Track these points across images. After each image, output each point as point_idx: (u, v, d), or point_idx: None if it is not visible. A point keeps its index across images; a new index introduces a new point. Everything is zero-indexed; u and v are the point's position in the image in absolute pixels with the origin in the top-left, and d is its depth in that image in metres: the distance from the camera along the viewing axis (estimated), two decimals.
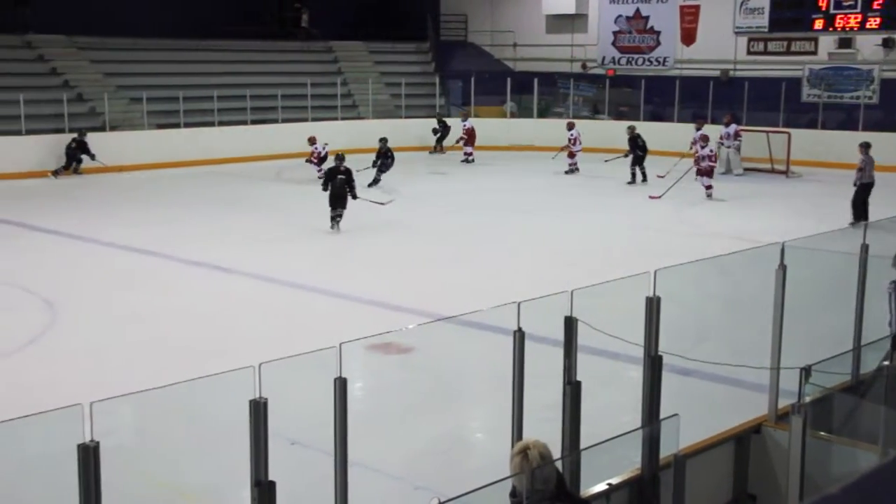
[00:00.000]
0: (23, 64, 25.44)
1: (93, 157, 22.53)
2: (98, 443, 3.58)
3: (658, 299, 5.54)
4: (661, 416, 5.58)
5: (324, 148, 22.26)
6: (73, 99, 24.52)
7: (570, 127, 24.38)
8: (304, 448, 6.67)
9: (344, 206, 16.06)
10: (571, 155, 23.86)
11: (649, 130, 23.39)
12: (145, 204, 19.33)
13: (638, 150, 22.09)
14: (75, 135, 22.76)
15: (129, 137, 24.29)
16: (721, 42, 27.78)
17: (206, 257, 14.15)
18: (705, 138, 20.27)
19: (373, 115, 28.85)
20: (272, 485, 4.13)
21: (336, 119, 28.09)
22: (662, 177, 21.11)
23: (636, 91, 28.97)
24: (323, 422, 4.49)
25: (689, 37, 28.83)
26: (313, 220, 16.92)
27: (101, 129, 24.22)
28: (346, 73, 30.67)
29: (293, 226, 16.98)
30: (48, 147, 22.76)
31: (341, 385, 4.33)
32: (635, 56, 30.39)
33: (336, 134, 24.93)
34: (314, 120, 27.58)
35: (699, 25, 28.66)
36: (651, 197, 19.63)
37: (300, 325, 10.70)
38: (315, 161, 22.23)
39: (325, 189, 16.20)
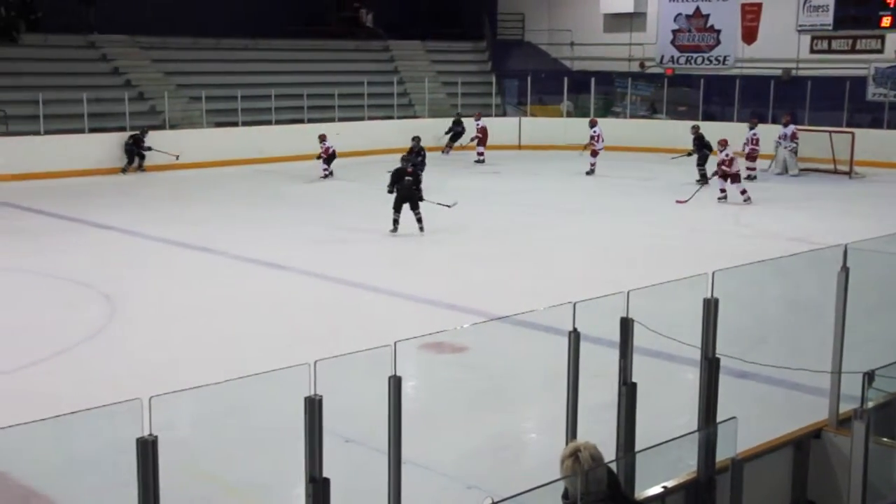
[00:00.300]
0: (86, 63, 25.94)
1: (148, 148, 23.02)
2: (156, 437, 3.62)
3: (716, 301, 5.46)
4: (718, 419, 5.50)
5: (331, 145, 22.64)
6: (135, 98, 24.93)
7: (593, 125, 23.96)
8: (358, 446, 6.69)
9: (417, 208, 15.66)
10: (594, 154, 23.41)
11: (708, 131, 23.09)
12: (203, 201, 19.58)
13: (704, 148, 21.81)
14: (136, 132, 23.22)
15: (187, 136, 24.62)
16: (783, 40, 27.32)
17: (262, 255, 14.28)
18: (724, 143, 19.57)
19: (428, 115, 28.89)
20: (327, 482, 4.14)
21: (392, 118, 28.18)
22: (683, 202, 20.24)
23: (695, 90, 28.62)
24: (376, 420, 4.50)
25: (750, 35, 28.38)
26: (367, 218, 17.00)
27: (161, 127, 24.59)
28: (402, 72, 30.76)
29: (348, 224, 17.06)
30: (110, 145, 23.19)
31: (396, 383, 4.33)
32: (694, 55, 30.04)
33: (391, 133, 25.04)
34: (370, 119, 27.75)
35: (761, 23, 28.20)
36: (678, 202, 19.19)
37: (354, 324, 10.75)
38: (324, 157, 22.51)
39: (390, 191, 15.79)
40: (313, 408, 4.08)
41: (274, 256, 14.12)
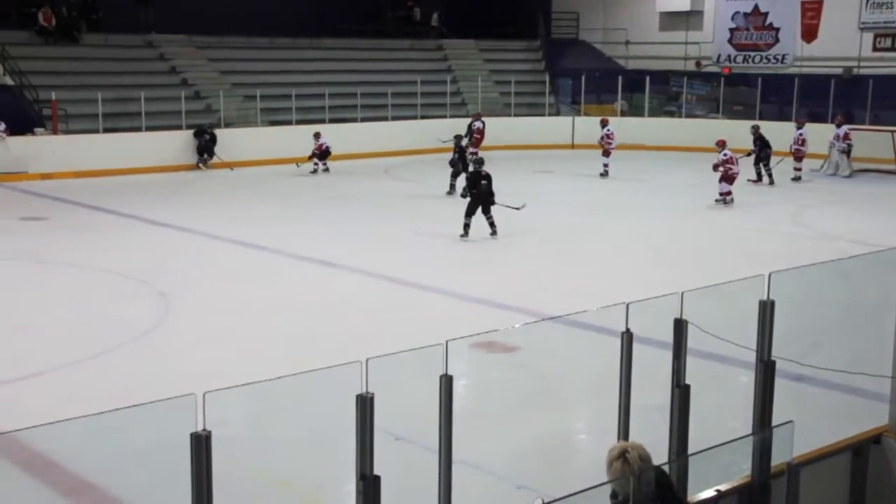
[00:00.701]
0: (144, 63, 26.34)
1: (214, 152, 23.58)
2: (210, 432, 3.65)
3: (772, 303, 5.37)
4: (774, 422, 5.41)
5: (325, 143, 23.03)
6: (191, 97, 25.26)
7: (605, 124, 23.44)
8: (409, 444, 6.70)
9: (489, 212, 15.34)
10: (606, 153, 22.95)
11: (765, 131, 22.78)
12: (256, 199, 19.76)
13: (766, 147, 21.54)
14: (206, 128, 23.80)
15: (242, 134, 24.88)
16: (845, 38, 26.85)
17: (314, 253, 14.38)
18: (722, 143, 19.22)
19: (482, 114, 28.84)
20: (377, 479, 4.15)
21: (445, 117, 28.21)
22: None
23: (752, 90, 28.25)
24: (427, 418, 4.50)
25: (810, 33, 27.90)
26: (420, 217, 17.03)
27: (217, 125, 24.89)
28: (455, 70, 30.78)
29: (400, 223, 17.12)
30: (167, 143, 23.52)
31: (447, 382, 4.32)
32: (752, 53, 29.65)
33: (444, 132, 25.00)
34: (423, 118, 27.80)
35: (821, 21, 27.72)
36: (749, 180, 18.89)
37: (406, 322, 10.77)
38: (317, 153, 22.90)
39: (464, 196, 15.60)
40: (364, 405, 4.08)
41: (327, 255, 14.20)
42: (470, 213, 15.34)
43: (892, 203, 19.37)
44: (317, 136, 23.13)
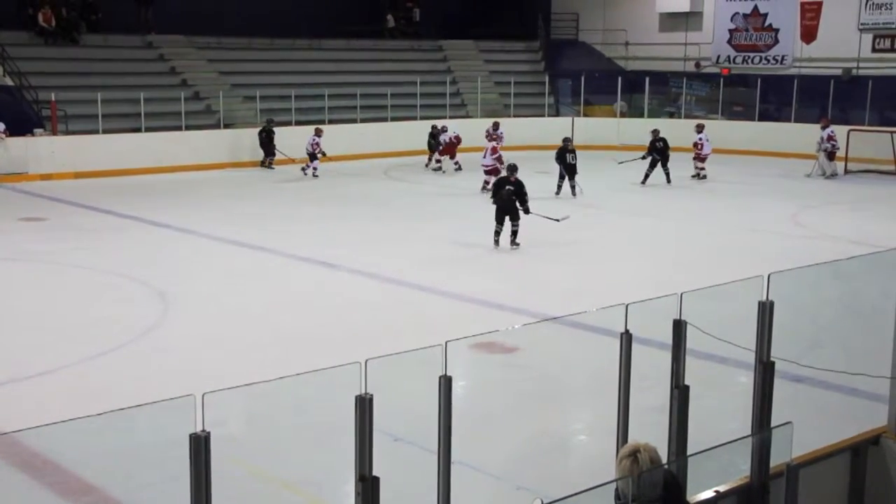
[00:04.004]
0: (144, 63, 26.34)
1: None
2: (209, 433, 3.65)
3: (771, 304, 5.37)
4: (773, 423, 5.41)
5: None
6: (190, 97, 25.26)
7: (700, 129, 23.01)
8: (408, 445, 6.70)
9: (515, 220, 14.78)
10: (700, 159, 22.61)
11: (765, 131, 22.82)
12: (256, 200, 19.75)
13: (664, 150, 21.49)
14: (264, 125, 23.90)
15: (242, 135, 24.87)
16: (844, 39, 26.86)
17: (314, 253, 14.38)
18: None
19: (481, 114, 28.87)
20: (376, 480, 4.15)
21: (444, 118, 28.20)
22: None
23: (752, 90, 28.27)
24: (425, 419, 4.50)
25: (809, 34, 27.90)
26: (420, 218, 17.03)
27: (216, 126, 24.90)
28: (455, 71, 30.79)
29: (399, 224, 17.12)
30: (166, 144, 23.52)
31: (446, 383, 4.32)
32: (752, 54, 29.66)
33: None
34: (423, 118, 27.79)
35: (821, 22, 27.72)
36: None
37: (405, 322, 10.77)
38: (310, 153, 22.72)
39: (495, 201, 15.10)
40: (364, 406, 4.08)
41: (327, 255, 14.21)
42: (498, 220, 14.89)
43: (892, 204, 19.38)
44: (318, 132, 22.84)
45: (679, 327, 5.15)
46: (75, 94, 23.48)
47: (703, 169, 22.60)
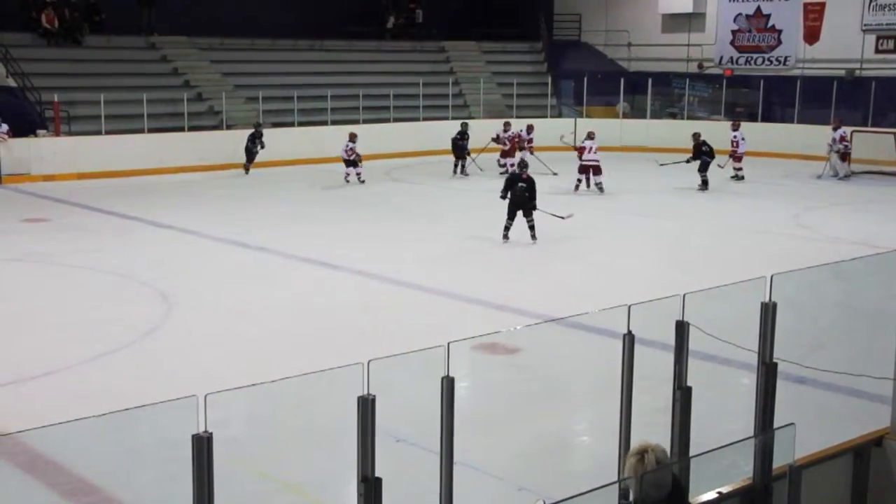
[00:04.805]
0: (146, 64, 26.36)
1: (263, 146, 23.08)
2: (211, 434, 3.66)
3: (774, 305, 5.37)
4: (775, 424, 5.41)
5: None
6: (193, 98, 25.26)
7: (735, 128, 22.79)
8: (410, 445, 6.70)
9: (530, 215, 15.13)
10: (737, 158, 22.37)
11: (767, 132, 22.80)
12: (258, 201, 19.75)
13: (704, 155, 21.30)
14: (254, 130, 23.32)
15: (244, 136, 24.84)
16: (847, 40, 26.83)
17: (317, 254, 14.38)
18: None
19: (483, 115, 28.86)
20: (379, 481, 4.15)
21: (447, 119, 28.20)
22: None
23: (754, 91, 28.25)
24: (427, 420, 4.50)
25: (812, 35, 27.85)
26: (424, 219, 17.02)
27: (219, 127, 24.91)
28: (457, 72, 30.79)
29: (401, 224, 17.12)
30: (169, 145, 23.53)
31: (449, 384, 4.32)
32: (754, 55, 29.64)
33: (447, 134, 24.99)
34: (425, 119, 27.80)
35: (824, 23, 27.70)
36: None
37: (407, 323, 10.77)
38: (347, 159, 21.60)
39: (503, 197, 15.38)
40: (366, 407, 4.08)
41: (329, 256, 14.21)
42: (510, 215, 15.16)
43: (895, 205, 19.35)
44: (353, 137, 21.63)
45: (682, 328, 5.15)
46: (78, 95, 23.50)
47: (740, 169, 22.34)
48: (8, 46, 23.63)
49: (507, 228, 15.16)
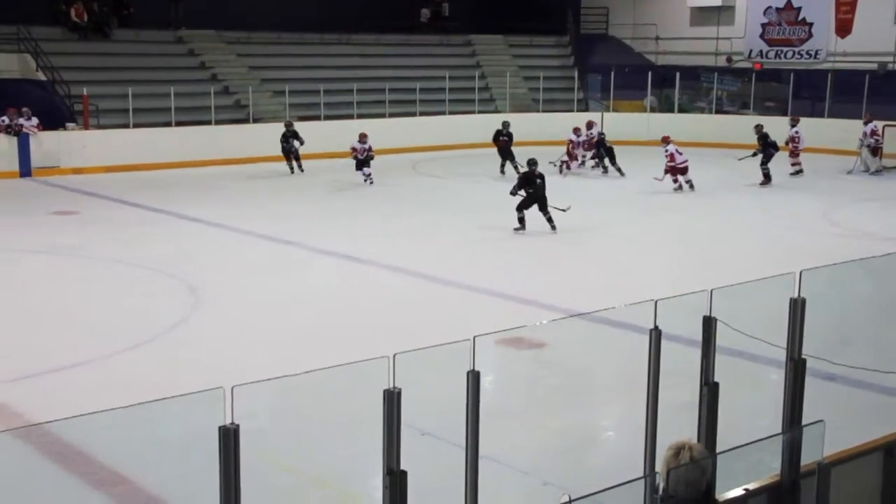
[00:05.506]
0: (174, 58, 26.53)
1: (301, 142, 22.44)
2: (238, 425, 3.67)
3: (803, 301, 5.32)
4: (804, 421, 5.36)
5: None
6: (220, 92, 25.39)
7: (794, 123, 22.60)
8: (435, 439, 6.70)
9: (545, 210, 15.50)
10: (794, 154, 22.13)
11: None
12: (284, 195, 19.82)
13: (770, 147, 21.14)
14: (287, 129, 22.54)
15: (271, 129, 24.94)
16: (879, 33, 26.54)
17: (342, 248, 14.41)
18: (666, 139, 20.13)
19: (510, 109, 28.79)
20: (404, 474, 4.15)
21: (473, 112, 28.17)
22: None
23: (784, 85, 28.00)
24: (453, 414, 4.49)
25: (844, 28, 27.56)
26: (451, 213, 17.00)
27: (245, 120, 25.02)
28: (484, 66, 30.74)
29: (427, 218, 17.12)
30: (196, 138, 23.65)
31: (474, 378, 4.31)
32: (784, 49, 29.38)
33: (473, 128, 25.03)
34: (451, 113, 27.78)
35: (856, 16, 27.38)
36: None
37: (433, 317, 10.77)
38: (359, 158, 20.90)
39: (513, 194, 15.64)
40: (392, 400, 4.08)
41: (355, 250, 14.23)
42: (525, 207, 15.50)
43: None
44: (363, 137, 20.96)
45: (709, 324, 5.12)
46: (106, 88, 23.67)
47: (798, 164, 22.13)
48: (37, 40, 23.83)
49: (521, 220, 15.47)
